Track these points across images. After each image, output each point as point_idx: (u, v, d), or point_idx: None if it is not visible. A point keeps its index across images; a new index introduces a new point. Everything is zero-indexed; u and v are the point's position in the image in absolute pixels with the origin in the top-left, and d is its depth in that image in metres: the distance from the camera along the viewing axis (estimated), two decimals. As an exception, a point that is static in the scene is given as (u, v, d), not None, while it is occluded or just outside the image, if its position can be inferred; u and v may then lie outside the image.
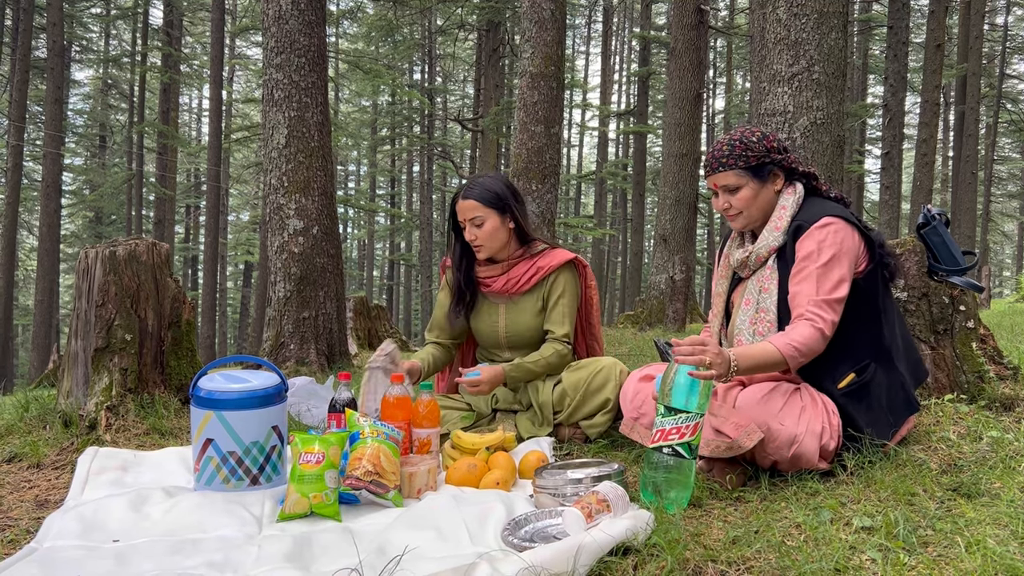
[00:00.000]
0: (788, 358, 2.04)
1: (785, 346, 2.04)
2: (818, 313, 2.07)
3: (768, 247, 2.23)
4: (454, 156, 28.03)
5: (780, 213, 2.24)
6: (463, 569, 1.50)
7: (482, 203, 2.71)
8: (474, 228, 2.72)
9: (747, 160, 2.22)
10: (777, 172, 2.25)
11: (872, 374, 2.15)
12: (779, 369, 2.09)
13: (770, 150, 2.23)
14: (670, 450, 1.91)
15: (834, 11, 4.02)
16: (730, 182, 2.25)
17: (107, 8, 23.82)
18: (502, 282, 2.80)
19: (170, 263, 3.09)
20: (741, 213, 2.27)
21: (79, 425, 2.72)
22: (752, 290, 2.27)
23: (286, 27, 5.59)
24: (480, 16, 16.87)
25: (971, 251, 2.60)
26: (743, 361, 2.00)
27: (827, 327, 2.07)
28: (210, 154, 19.38)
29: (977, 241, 20.44)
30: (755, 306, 2.24)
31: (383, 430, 2.11)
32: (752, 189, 2.24)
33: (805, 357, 2.06)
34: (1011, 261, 38.31)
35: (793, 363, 2.05)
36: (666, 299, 9.34)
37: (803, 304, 2.10)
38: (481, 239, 2.73)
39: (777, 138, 2.28)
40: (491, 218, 2.72)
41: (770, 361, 2.04)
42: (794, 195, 2.25)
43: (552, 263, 2.78)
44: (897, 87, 13.47)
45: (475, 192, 2.73)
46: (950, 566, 1.51)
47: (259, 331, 18.44)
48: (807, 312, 2.08)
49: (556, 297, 2.78)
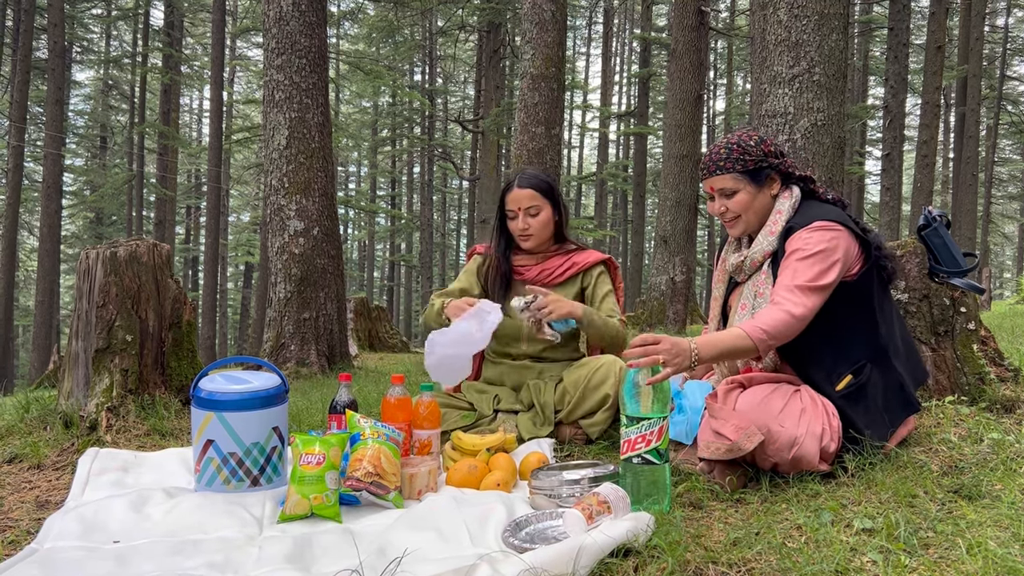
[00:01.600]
0: (755, 340, 2.03)
1: (752, 328, 2.04)
2: (787, 297, 2.07)
3: (763, 251, 2.23)
4: (454, 157, 28.04)
5: (776, 218, 2.24)
6: (464, 570, 1.50)
7: (540, 193, 2.78)
8: (528, 217, 2.78)
9: (744, 164, 2.22)
10: (774, 176, 2.26)
11: (868, 375, 2.15)
12: (749, 355, 2.10)
13: (767, 154, 2.23)
14: (639, 459, 1.90)
15: (835, 12, 4.03)
16: (727, 186, 2.25)
17: (108, 9, 23.84)
18: (536, 271, 2.85)
19: (171, 264, 3.09)
20: (739, 217, 2.27)
21: (80, 426, 2.72)
22: (748, 295, 2.27)
23: (287, 28, 5.60)
24: (481, 17, 16.88)
25: (972, 253, 2.60)
26: (705, 349, 2.00)
27: (796, 309, 2.05)
28: (211, 155, 19.39)
29: (977, 243, 20.44)
30: (750, 310, 2.24)
31: (384, 431, 2.11)
32: (749, 193, 2.24)
33: (774, 339, 2.05)
34: (1011, 263, 38.30)
35: (762, 345, 2.05)
36: (666, 300, 9.34)
37: (775, 292, 2.11)
38: (533, 228, 2.78)
39: (774, 142, 2.28)
40: (545, 208, 2.79)
41: (737, 346, 2.04)
42: (790, 199, 2.25)
43: (588, 260, 2.86)
44: (898, 89, 13.48)
45: (533, 182, 2.79)
46: (951, 568, 1.51)
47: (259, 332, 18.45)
48: (776, 297, 2.09)
49: (606, 291, 2.85)
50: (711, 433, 2.07)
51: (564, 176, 25.03)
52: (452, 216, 36.98)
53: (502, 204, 2.84)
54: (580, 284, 2.87)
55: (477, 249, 3.04)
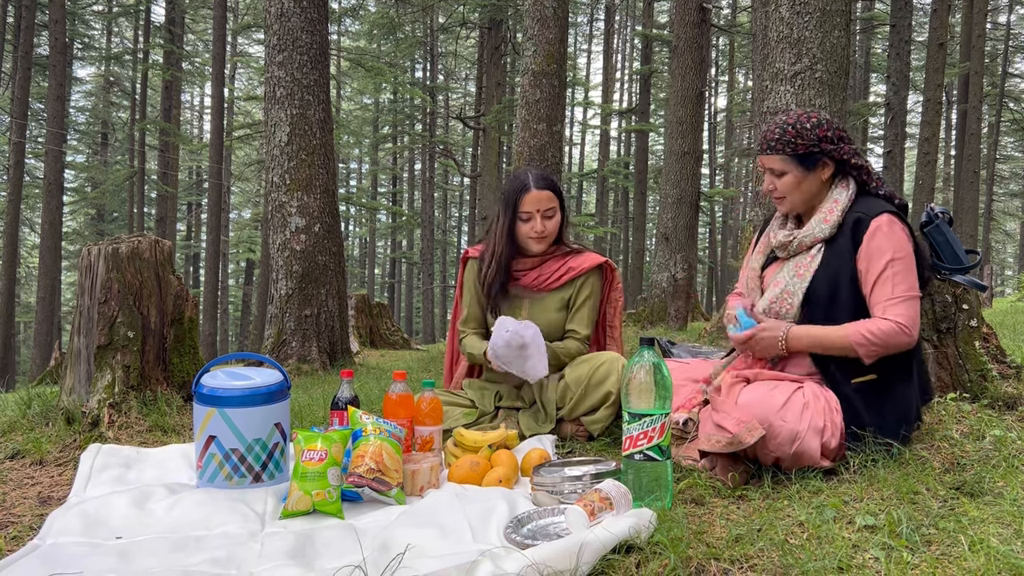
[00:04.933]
0: (856, 344, 2.09)
1: (855, 332, 2.10)
2: (895, 313, 2.11)
3: (813, 237, 2.23)
4: (456, 154, 28.02)
5: (832, 206, 2.23)
6: (466, 566, 1.50)
7: (556, 195, 2.72)
8: (546, 220, 2.71)
9: (795, 148, 2.22)
10: (826, 162, 2.24)
11: (890, 380, 2.15)
12: (845, 352, 2.13)
13: (821, 139, 2.21)
14: (641, 455, 1.91)
15: (836, 9, 4.02)
16: (776, 166, 2.26)
17: (109, 5, 23.82)
18: (533, 276, 2.79)
19: (172, 260, 3.09)
20: (784, 198, 2.29)
21: (82, 422, 2.73)
22: (785, 273, 2.27)
23: (288, 24, 5.59)
24: (482, 14, 16.84)
25: (974, 250, 2.60)
26: (795, 340, 2.17)
27: (906, 322, 2.09)
28: (212, 151, 19.38)
29: (979, 240, 20.41)
30: (782, 288, 2.25)
31: (386, 427, 2.11)
32: (796, 177, 2.24)
33: (880, 347, 2.09)
34: (1013, 260, 38.26)
35: (863, 350, 2.09)
36: (668, 297, 9.33)
37: (879, 305, 2.13)
38: (550, 230, 2.72)
39: (833, 126, 2.25)
40: (558, 210, 2.74)
41: (834, 341, 2.13)
42: (847, 190, 2.24)
43: (583, 265, 2.79)
44: (899, 86, 13.45)
45: (549, 183, 2.72)
46: (953, 565, 1.51)
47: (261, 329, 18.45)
48: (885, 314, 2.12)
49: (584, 299, 2.80)
50: (712, 426, 2.07)
51: (565, 173, 25.04)
52: (453, 213, 36.96)
53: (515, 206, 2.71)
54: (573, 289, 2.81)
55: (469, 253, 2.94)
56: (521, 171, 2.80)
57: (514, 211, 2.72)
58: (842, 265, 2.18)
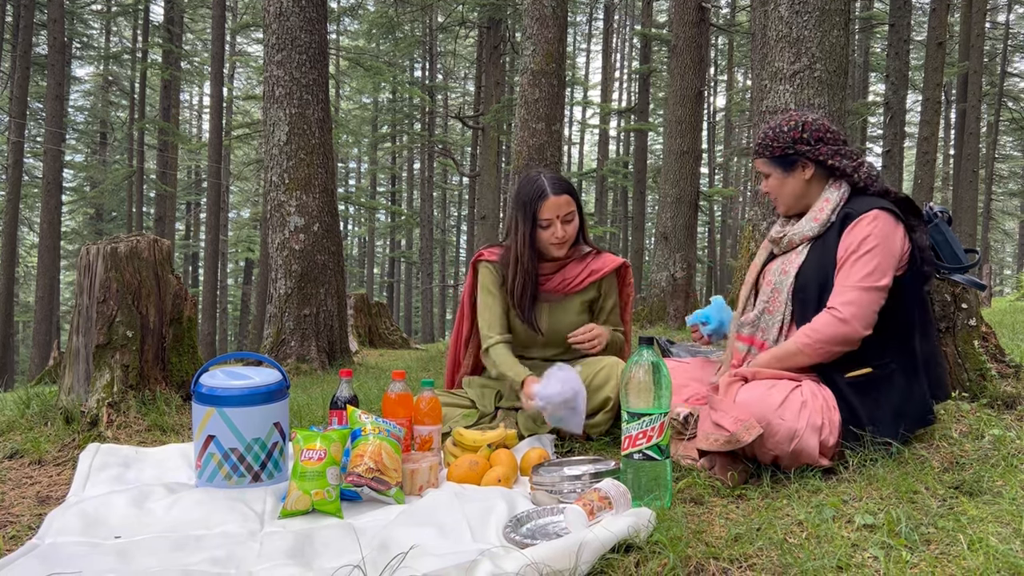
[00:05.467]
0: (801, 346, 2.11)
1: (799, 334, 2.12)
2: (838, 301, 2.11)
3: (802, 235, 2.27)
4: (455, 153, 28.02)
5: (823, 205, 2.26)
6: (465, 566, 1.50)
7: (574, 198, 2.69)
8: (566, 224, 2.66)
9: (771, 151, 2.29)
10: (806, 163, 2.27)
11: (889, 375, 2.15)
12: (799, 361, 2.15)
13: (796, 140, 2.25)
14: (641, 455, 1.91)
15: (835, 8, 4.02)
16: (762, 169, 2.35)
17: (108, 5, 23.79)
18: (557, 280, 2.77)
19: (171, 260, 3.09)
20: (777, 198, 2.35)
21: (80, 421, 2.72)
22: (776, 271, 2.31)
23: (287, 24, 5.59)
24: (481, 13, 16.84)
25: (973, 249, 2.60)
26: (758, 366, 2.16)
27: (843, 311, 2.09)
28: (211, 151, 19.37)
29: (978, 239, 20.43)
30: (773, 286, 2.29)
31: (385, 427, 2.11)
32: (778, 178, 2.31)
33: (824, 343, 2.10)
34: (1012, 259, 38.29)
35: (809, 350, 2.11)
36: (667, 297, 9.33)
37: (834, 294, 2.14)
38: (570, 234, 2.69)
39: (812, 128, 2.26)
40: (577, 214, 2.72)
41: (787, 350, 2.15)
42: (839, 190, 2.26)
43: (605, 268, 2.79)
44: (898, 85, 13.46)
45: (566, 186, 2.68)
46: (952, 564, 1.51)
47: (260, 328, 18.44)
48: (830, 302, 2.13)
49: (612, 302, 2.85)
50: (711, 424, 2.07)
51: (564, 172, 25.00)
52: (452, 212, 36.96)
53: (534, 214, 2.63)
54: (596, 291, 2.82)
55: (483, 255, 2.86)
56: (534, 175, 2.72)
57: (534, 219, 2.65)
58: (828, 260, 2.20)
